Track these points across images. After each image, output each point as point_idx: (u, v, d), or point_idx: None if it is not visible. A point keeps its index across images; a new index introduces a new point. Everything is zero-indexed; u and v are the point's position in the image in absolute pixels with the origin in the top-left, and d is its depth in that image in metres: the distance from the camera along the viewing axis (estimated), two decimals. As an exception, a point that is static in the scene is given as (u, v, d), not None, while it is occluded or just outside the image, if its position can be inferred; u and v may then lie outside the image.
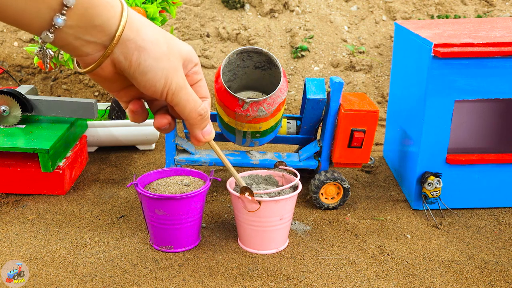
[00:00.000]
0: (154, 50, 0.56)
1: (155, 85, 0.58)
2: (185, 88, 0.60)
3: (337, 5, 2.61)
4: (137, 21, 0.56)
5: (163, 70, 0.57)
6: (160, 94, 0.59)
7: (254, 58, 1.32)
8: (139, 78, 0.57)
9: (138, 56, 0.56)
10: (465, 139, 1.78)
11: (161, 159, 1.82)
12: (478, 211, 1.48)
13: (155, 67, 0.57)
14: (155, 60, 0.57)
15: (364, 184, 1.65)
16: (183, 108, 0.61)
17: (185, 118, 0.63)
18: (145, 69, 0.56)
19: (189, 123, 0.64)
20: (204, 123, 0.65)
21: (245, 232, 1.25)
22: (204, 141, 0.67)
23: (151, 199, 1.18)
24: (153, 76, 0.57)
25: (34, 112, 1.61)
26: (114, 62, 0.56)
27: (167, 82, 0.58)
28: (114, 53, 0.55)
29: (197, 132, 0.65)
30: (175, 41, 0.60)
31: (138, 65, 0.56)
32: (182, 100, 0.61)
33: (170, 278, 1.15)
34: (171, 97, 0.60)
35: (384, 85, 2.37)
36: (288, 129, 1.56)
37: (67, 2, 0.50)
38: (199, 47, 2.45)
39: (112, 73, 0.58)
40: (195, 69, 0.63)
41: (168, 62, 0.58)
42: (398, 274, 1.18)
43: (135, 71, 0.56)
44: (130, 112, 0.64)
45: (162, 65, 0.57)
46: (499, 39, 1.33)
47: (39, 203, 1.49)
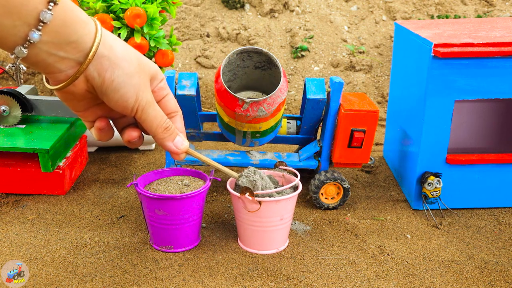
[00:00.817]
0: (128, 67, 0.58)
1: (127, 101, 0.59)
2: (153, 104, 0.62)
3: (337, 5, 2.61)
4: (110, 39, 0.57)
5: (135, 86, 0.59)
6: (130, 110, 0.61)
7: (254, 58, 1.32)
8: (111, 94, 0.58)
9: (112, 72, 0.57)
10: (465, 139, 1.78)
11: (161, 159, 1.82)
12: (478, 211, 1.48)
13: (128, 83, 0.58)
14: (128, 76, 0.58)
15: (364, 184, 1.65)
16: (150, 124, 0.63)
17: (153, 133, 0.65)
18: (118, 85, 0.58)
19: (158, 138, 0.66)
20: (172, 135, 0.66)
21: (245, 232, 1.25)
22: (180, 152, 0.69)
23: (151, 199, 1.19)
24: (125, 92, 0.59)
25: (34, 112, 1.61)
26: (88, 78, 0.57)
27: (137, 98, 0.60)
28: (88, 69, 0.56)
29: (169, 144, 0.67)
30: (144, 58, 0.62)
31: (111, 81, 0.57)
32: (150, 116, 0.62)
33: (170, 278, 1.15)
34: (140, 113, 0.61)
35: (384, 85, 2.37)
36: (288, 129, 1.56)
37: (44, 18, 0.50)
38: (199, 47, 2.45)
39: (83, 90, 0.58)
40: (161, 85, 0.65)
41: (139, 78, 0.59)
42: (398, 274, 1.18)
43: (108, 88, 0.58)
44: (96, 130, 0.65)
45: (134, 81, 0.59)
46: (499, 39, 1.33)
47: (39, 203, 1.49)
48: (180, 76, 1.43)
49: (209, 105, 2.32)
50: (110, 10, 1.55)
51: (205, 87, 2.36)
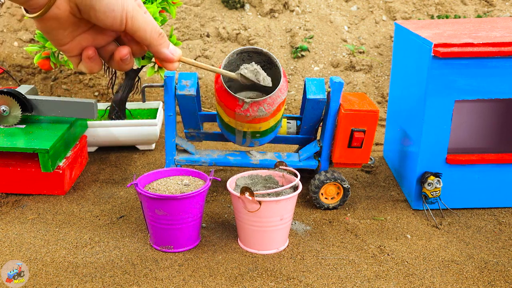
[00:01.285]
0: None
1: (114, 9, 0.58)
2: (140, 10, 0.61)
3: (337, 5, 2.61)
4: None
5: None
6: (119, 19, 0.59)
7: (254, 58, 1.32)
8: (97, 5, 0.57)
9: None
10: (465, 139, 1.78)
11: (161, 159, 1.82)
12: (478, 211, 1.48)
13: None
14: None
15: (364, 184, 1.65)
16: (143, 31, 0.62)
17: (148, 41, 0.63)
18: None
19: (153, 46, 0.64)
20: (166, 42, 0.65)
21: (245, 232, 1.25)
22: (175, 59, 0.67)
23: (151, 199, 1.18)
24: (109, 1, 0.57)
25: (34, 112, 1.61)
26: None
27: (123, 5, 0.59)
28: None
29: (165, 51, 0.66)
30: None
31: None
32: (141, 22, 0.61)
33: (170, 278, 1.15)
34: (130, 21, 0.60)
35: (384, 85, 2.37)
36: (288, 129, 1.56)
37: None
38: (199, 47, 2.45)
39: (66, 12, 0.58)
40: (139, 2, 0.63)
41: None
42: (398, 274, 1.18)
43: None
44: (85, 59, 0.63)
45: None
46: (499, 39, 1.33)
47: (39, 203, 1.49)
48: (180, 76, 1.43)
49: (209, 105, 2.32)
50: (110, 10, 1.55)
51: (205, 87, 2.36)
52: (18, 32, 2.42)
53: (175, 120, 1.45)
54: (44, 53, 1.61)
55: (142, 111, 1.97)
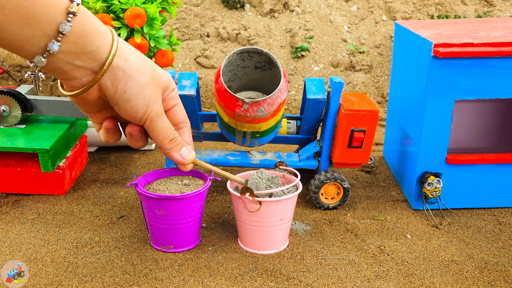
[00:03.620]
0: (140, 78, 0.59)
1: (137, 112, 0.61)
2: (162, 115, 0.64)
3: (337, 5, 2.61)
4: (126, 50, 0.59)
5: (146, 98, 0.60)
6: (139, 120, 0.62)
7: (254, 58, 1.32)
8: (123, 105, 0.60)
9: (125, 83, 0.58)
10: (465, 139, 1.78)
11: (161, 159, 1.82)
12: (478, 211, 1.48)
13: (139, 95, 0.59)
14: (140, 88, 0.59)
15: (364, 184, 1.65)
16: (157, 134, 0.65)
17: (159, 144, 0.66)
18: (130, 96, 0.59)
19: (164, 149, 0.67)
20: (177, 146, 0.68)
21: (245, 232, 1.25)
22: (186, 162, 0.70)
23: (151, 199, 1.19)
24: (136, 104, 0.60)
25: (34, 112, 1.61)
26: (101, 87, 0.58)
27: (147, 109, 0.61)
28: (103, 79, 0.57)
29: (175, 155, 0.69)
30: (158, 69, 0.63)
31: (123, 92, 0.58)
32: (158, 127, 0.64)
33: (170, 278, 1.15)
34: (149, 123, 0.63)
35: (384, 85, 2.37)
36: (288, 129, 1.56)
37: (63, 29, 0.51)
38: (199, 47, 2.45)
39: (96, 97, 0.60)
40: (172, 95, 0.66)
41: (151, 90, 0.61)
42: (398, 274, 1.18)
43: (120, 98, 0.59)
44: (105, 130, 0.66)
45: (146, 93, 0.60)
46: (499, 39, 1.33)
47: (39, 203, 1.49)
48: (180, 76, 1.43)
49: (209, 105, 2.32)
50: (110, 10, 1.55)
51: (205, 87, 2.36)
52: (18, 32, 2.42)
53: (175, 120, 1.45)
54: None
55: (142, 111, 1.97)
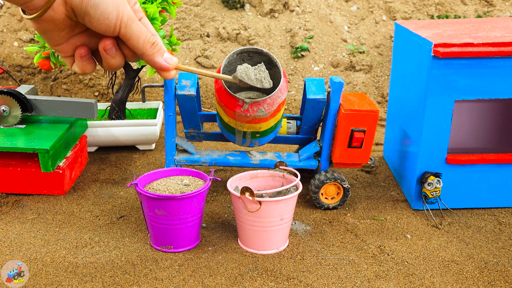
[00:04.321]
0: None
1: (108, 17, 0.59)
2: (135, 19, 0.62)
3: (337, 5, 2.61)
4: None
5: (113, 2, 0.59)
6: (113, 27, 0.60)
7: (255, 58, 1.32)
8: (92, 12, 0.58)
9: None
10: (465, 139, 1.78)
11: (161, 159, 1.82)
12: (478, 211, 1.48)
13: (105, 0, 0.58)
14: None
15: (364, 184, 1.65)
16: (136, 40, 0.62)
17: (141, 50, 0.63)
18: (96, 1, 0.57)
19: (146, 56, 0.64)
20: (160, 51, 0.65)
21: (245, 232, 1.25)
22: (171, 67, 0.67)
23: (151, 199, 1.18)
24: (105, 8, 0.58)
25: (34, 112, 1.61)
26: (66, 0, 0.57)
27: (119, 13, 0.60)
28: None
29: (159, 60, 0.65)
30: None
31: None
32: (134, 31, 0.62)
33: (170, 278, 1.15)
34: (124, 29, 0.61)
35: (384, 85, 2.37)
36: (288, 129, 1.56)
37: None
38: (199, 47, 2.45)
39: (63, 15, 0.58)
40: (136, 7, 0.64)
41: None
42: (398, 274, 1.18)
43: (87, 5, 0.58)
44: (78, 57, 0.64)
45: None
46: (499, 39, 1.33)
47: (39, 203, 1.49)
48: (180, 76, 1.43)
49: (209, 105, 2.32)
50: (110, 10, 1.55)
51: (205, 87, 2.36)
52: (18, 32, 2.42)
53: (175, 120, 1.45)
54: (44, 53, 1.61)
55: (142, 111, 1.97)
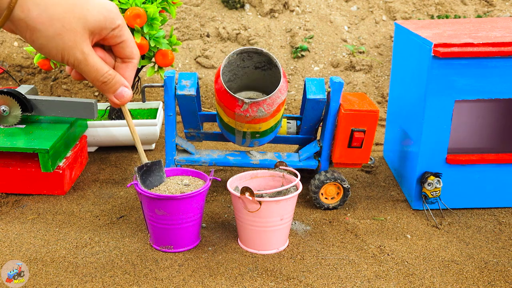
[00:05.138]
0: (46, 30, 0.58)
1: (54, 58, 0.61)
2: (84, 61, 0.63)
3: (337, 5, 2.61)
4: (31, 2, 0.57)
5: (57, 48, 0.60)
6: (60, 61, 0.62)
7: (254, 58, 1.32)
8: (38, 51, 0.61)
9: (30, 35, 0.58)
10: (465, 139, 1.78)
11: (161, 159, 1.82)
12: (478, 211, 1.48)
13: (48, 45, 0.59)
14: (47, 39, 0.59)
15: (364, 184, 1.65)
16: (86, 76, 0.65)
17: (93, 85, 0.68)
18: (40, 46, 0.59)
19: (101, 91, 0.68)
20: (112, 88, 0.67)
21: (245, 232, 1.25)
22: (120, 103, 0.69)
23: (151, 199, 1.19)
24: (48, 52, 0.60)
25: (34, 112, 1.61)
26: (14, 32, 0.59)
27: (64, 58, 0.61)
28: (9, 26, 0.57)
29: (109, 96, 0.68)
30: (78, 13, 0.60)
31: (32, 42, 0.59)
32: (83, 71, 0.64)
33: (170, 278, 1.15)
34: (77, 67, 0.63)
35: (384, 85, 2.37)
36: (288, 129, 1.56)
37: None
38: (199, 47, 2.45)
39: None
40: (114, 33, 0.64)
41: (62, 39, 0.59)
42: (398, 274, 1.18)
43: (32, 45, 0.60)
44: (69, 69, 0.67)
45: (56, 43, 0.59)
46: (499, 39, 1.33)
47: (39, 203, 1.49)
48: (180, 76, 1.43)
49: (209, 105, 2.32)
50: (110, 10, 1.55)
51: (205, 87, 2.36)
52: (18, 32, 2.42)
53: (175, 120, 1.45)
54: (44, 53, 1.61)
55: (142, 111, 1.97)
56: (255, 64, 1.35)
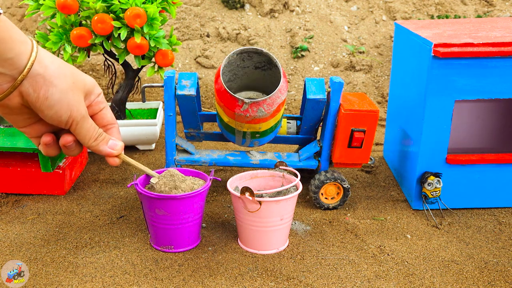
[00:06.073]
0: (61, 84, 0.62)
1: (61, 117, 0.63)
2: (87, 118, 0.67)
3: (337, 5, 2.61)
4: (46, 59, 0.61)
5: (69, 103, 0.63)
6: (64, 124, 0.65)
7: (254, 58, 1.32)
8: (46, 111, 0.62)
9: (46, 90, 0.61)
10: (465, 139, 1.78)
11: (161, 159, 1.82)
12: (478, 211, 1.48)
13: (62, 100, 0.62)
14: (62, 94, 0.62)
15: (364, 184, 1.65)
16: (84, 136, 0.68)
17: (86, 145, 0.69)
18: (52, 102, 0.62)
19: (91, 147, 0.70)
20: (104, 140, 0.71)
21: (245, 232, 1.25)
22: (115, 152, 0.73)
23: (152, 199, 1.19)
24: (59, 109, 0.63)
25: (34, 112, 1.61)
26: (23, 94, 0.60)
27: (72, 113, 0.64)
28: (23, 85, 0.59)
29: (104, 148, 0.71)
30: (80, 75, 0.65)
31: (45, 98, 0.61)
32: (83, 129, 0.67)
33: (170, 278, 1.15)
34: (75, 127, 0.66)
35: (384, 85, 2.37)
36: (288, 129, 1.56)
37: None
38: (199, 47, 2.45)
39: (19, 105, 0.62)
40: (99, 99, 0.69)
41: (73, 95, 0.63)
42: (398, 274, 1.18)
43: (42, 104, 0.61)
44: (43, 145, 0.68)
45: (68, 98, 0.63)
46: (499, 39, 1.33)
47: (39, 203, 1.49)
48: (180, 76, 1.43)
49: (209, 105, 2.32)
50: (110, 10, 1.55)
51: (205, 87, 2.36)
52: (18, 32, 2.42)
53: (175, 120, 1.45)
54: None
55: (142, 111, 1.97)
56: (255, 64, 1.35)
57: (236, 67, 1.34)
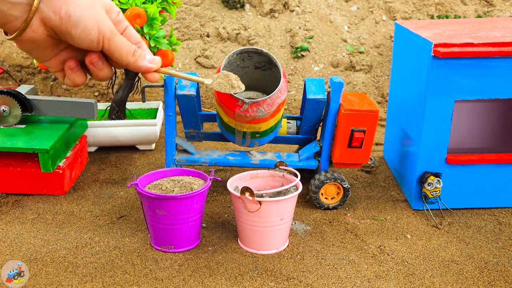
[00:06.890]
0: (80, 1, 0.58)
1: (90, 34, 0.59)
2: (117, 33, 0.62)
3: (337, 5, 2.61)
4: None
5: (93, 17, 0.59)
6: (96, 43, 0.60)
7: (254, 58, 1.32)
8: (73, 31, 0.58)
9: (66, 8, 0.57)
10: (465, 139, 1.78)
11: (161, 159, 1.82)
12: (478, 211, 1.48)
13: (85, 15, 0.58)
14: (83, 9, 0.58)
15: (364, 184, 1.65)
16: (119, 52, 0.63)
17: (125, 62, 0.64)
18: (76, 19, 0.58)
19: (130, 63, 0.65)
20: (142, 55, 0.66)
21: (245, 232, 1.25)
22: (155, 66, 0.68)
23: (152, 199, 1.19)
24: (85, 25, 0.59)
25: (34, 112, 1.61)
26: (45, 21, 0.57)
27: (100, 28, 0.60)
28: (42, 11, 0.56)
29: (144, 63, 0.66)
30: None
31: (68, 17, 0.57)
32: (117, 44, 0.62)
33: (170, 278, 1.15)
34: (107, 43, 0.61)
35: (384, 85, 2.37)
36: (288, 129, 1.56)
37: None
38: (199, 47, 2.45)
39: (43, 35, 0.59)
40: (119, 17, 0.65)
41: (94, 10, 0.59)
42: (398, 274, 1.18)
43: (67, 25, 0.58)
44: (68, 70, 0.64)
45: (91, 12, 0.59)
46: (499, 39, 1.33)
47: (39, 203, 1.49)
48: (180, 76, 1.43)
49: (209, 105, 2.32)
50: (110, 10, 1.55)
51: (205, 87, 2.36)
52: (18, 32, 2.42)
53: (175, 120, 1.45)
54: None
55: (142, 111, 1.97)
56: (255, 64, 1.35)
57: (236, 67, 1.34)
